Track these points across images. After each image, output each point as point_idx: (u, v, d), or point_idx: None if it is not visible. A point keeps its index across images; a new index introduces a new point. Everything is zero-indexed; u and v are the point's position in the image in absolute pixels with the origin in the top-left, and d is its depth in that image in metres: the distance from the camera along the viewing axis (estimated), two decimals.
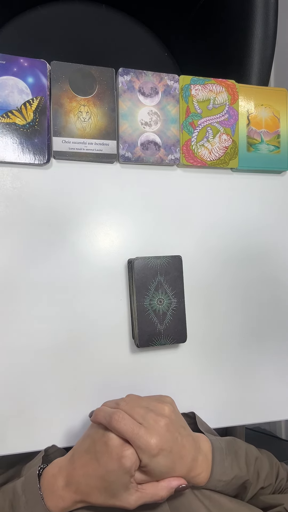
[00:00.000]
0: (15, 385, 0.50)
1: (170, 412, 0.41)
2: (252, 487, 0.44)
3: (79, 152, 0.51)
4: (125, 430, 0.38)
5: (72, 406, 0.52)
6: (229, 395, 0.58)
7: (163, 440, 0.39)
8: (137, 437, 0.38)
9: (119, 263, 0.54)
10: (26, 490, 0.40)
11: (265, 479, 0.46)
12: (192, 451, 0.42)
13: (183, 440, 0.41)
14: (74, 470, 0.40)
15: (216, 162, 0.57)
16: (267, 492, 0.46)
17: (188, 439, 0.42)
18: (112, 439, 0.39)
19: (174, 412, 0.42)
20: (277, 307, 0.61)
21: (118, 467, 0.37)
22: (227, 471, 0.43)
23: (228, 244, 0.59)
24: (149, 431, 0.38)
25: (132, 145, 0.53)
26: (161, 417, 0.40)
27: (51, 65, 0.50)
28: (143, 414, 0.40)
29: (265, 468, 0.46)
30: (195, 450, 0.42)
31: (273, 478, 0.47)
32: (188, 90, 0.55)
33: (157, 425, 0.39)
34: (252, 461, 0.46)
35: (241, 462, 0.45)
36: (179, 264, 0.53)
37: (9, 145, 0.49)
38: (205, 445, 0.44)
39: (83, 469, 0.40)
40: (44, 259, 0.51)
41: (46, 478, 0.41)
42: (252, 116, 0.59)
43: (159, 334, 0.52)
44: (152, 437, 0.38)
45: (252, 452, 0.47)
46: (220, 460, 0.43)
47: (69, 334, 0.52)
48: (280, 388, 0.60)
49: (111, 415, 0.39)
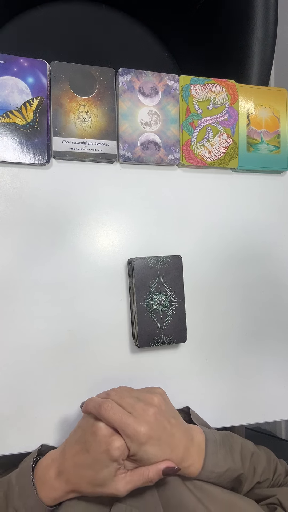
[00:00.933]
0: (15, 385, 0.50)
1: (159, 402, 0.42)
2: (247, 481, 0.45)
3: (79, 152, 0.51)
4: (114, 418, 0.39)
5: (72, 406, 0.51)
6: (229, 395, 0.58)
7: (152, 428, 0.39)
8: (126, 425, 0.38)
9: (119, 263, 0.54)
10: (20, 481, 0.41)
11: (262, 474, 0.46)
12: (183, 441, 0.42)
13: (173, 430, 0.41)
14: (65, 461, 0.41)
15: (216, 162, 0.57)
16: (263, 487, 0.46)
17: (178, 429, 0.42)
18: (101, 429, 0.39)
19: (164, 402, 0.43)
20: (277, 307, 0.61)
21: (106, 457, 0.38)
22: (220, 462, 0.43)
23: (228, 244, 0.59)
24: (137, 420, 0.39)
25: (132, 145, 0.53)
26: (150, 406, 0.41)
27: (51, 65, 0.50)
28: (132, 403, 0.41)
29: (262, 463, 0.46)
30: (187, 440, 0.43)
31: (271, 473, 0.47)
32: (188, 90, 0.55)
33: (145, 414, 0.40)
34: (247, 456, 0.46)
35: (236, 456, 0.45)
36: (179, 264, 0.53)
37: (9, 145, 0.49)
38: (199, 436, 0.44)
39: (73, 459, 0.40)
40: (44, 259, 0.51)
41: (40, 469, 0.42)
42: (252, 116, 0.59)
43: (159, 334, 0.52)
44: (140, 425, 0.39)
45: (248, 447, 0.47)
46: (213, 452, 0.44)
47: (69, 334, 0.52)
48: (280, 388, 0.60)
49: (100, 404, 0.40)
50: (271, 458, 0.48)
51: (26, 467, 0.42)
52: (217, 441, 0.45)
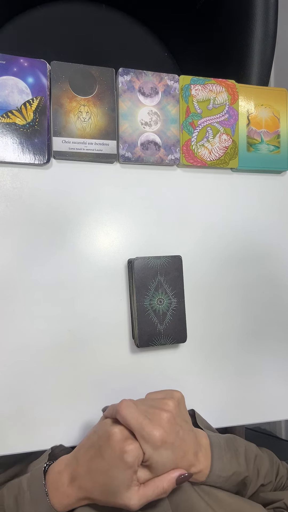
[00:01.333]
0: (15, 385, 0.50)
1: (173, 407, 0.42)
2: (252, 484, 0.45)
3: (79, 152, 0.51)
4: (130, 417, 0.39)
5: (72, 406, 0.52)
6: (229, 395, 0.58)
7: (166, 432, 0.39)
8: (141, 426, 0.38)
9: (119, 263, 0.54)
10: (32, 487, 0.40)
11: (265, 477, 0.46)
12: (193, 446, 0.42)
13: (184, 435, 0.41)
14: (78, 466, 0.40)
15: (216, 162, 0.57)
16: (267, 490, 0.46)
17: (189, 434, 0.42)
18: (115, 434, 0.39)
19: (179, 407, 0.43)
20: (277, 307, 0.61)
21: (120, 462, 0.37)
22: (226, 467, 0.43)
23: (228, 244, 0.59)
24: (152, 423, 0.39)
25: (132, 145, 0.53)
26: (163, 411, 0.41)
27: (51, 65, 0.50)
28: (146, 409, 0.41)
29: (265, 466, 0.46)
30: (196, 445, 0.43)
31: (273, 476, 0.47)
32: (188, 90, 0.55)
33: (159, 418, 0.40)
34: (251, 459, 0.46)
35: (241, 459, 0.45)
36: (179, 264, 0.53)
37: (9, 145, 0.49)
38: (204, 441, 0.44)
39: (87, 464, 0.40)
40: (44, 259, 0.51)
41: (52, 475, 0.41)
42: (252, 116, 0.59)
43: (159, 334, 0.52)
44: (155, 428, 0.38)
45: (252, 450, 0.47)
46: (219, 457, 0.44)
47: (69, 334, 0.52)
48: (280, 388, 0.60)
49: (119, 404, 0.40)
50: (274, 460, 0.49)
51: (38, 472, 0.41)
52: (222, 445, 0.45)
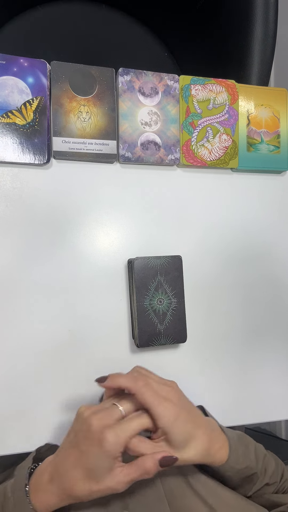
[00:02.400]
0: (15, 385, 0.50)
1: (177, 387, 0.44)
2: (259, 481, 0.45)
3: (79, 152, 0.51)
4: (149, 394, 0.39)
5: (72, 406, 0.51)
6: (229, 395, 0.58)
7: (179, 406, 0.41)
8: (158, 402, 0.39)
9: (119, 263, 0.54)
10: (15, 492, 0.40)
11: (271, 476, 0.46)
12: (206, 423, 0.43)
13: (196, 411, 0.43)
14: (58, 464, 0.40)
15: (216, 162, 0.57)
16: (271, 490, 0.46)
17: (200, 414, 0.44)
18: (93, 425, 0.38)
19: (179, 390, 0.44)
20: (278, 307, 0.61)
21: (99, 450, 0.37)
22: (240, 459, 0.44)
23: (228, 244, 0.59)
24: (165, 398, 0.40)
25: (132, 145, 0.53)
26: (172, 388, 0.42)
27: (51, 65, 0.50)
28: (157, 385, 0.42)
29: (272, 466, 0.47)
30: (209, 424, 0.44)
31: (278, 477, 0.47)
32: (188, 90, 0.55)
33: (170, 394, 0.41)
34: (261, 457, 0.46)
35: (252, 455, 0.45)
36: (179, 264, 0.53)
37: (9, 145, 0.49)
38: (218, 429, 0.45)
39: (66, 461, 0.39)
40: (44, 259, 0.51)
41: (35, 477, 0.41)
42: (252, 116, 0.59)
43: (159, 334, 0.52)
44: (168, 402, 0.40)
45: (261, 449, 0.48)
46: (235, 448, 0.44)
47: (69, 334, 0.52)
48: (280, 388, 0.60)
49: (136, 379, 0.41)
50: (279, 462, 0.49)
51: (21, 477, 0.41)
52: (235, 438, 0.45)
